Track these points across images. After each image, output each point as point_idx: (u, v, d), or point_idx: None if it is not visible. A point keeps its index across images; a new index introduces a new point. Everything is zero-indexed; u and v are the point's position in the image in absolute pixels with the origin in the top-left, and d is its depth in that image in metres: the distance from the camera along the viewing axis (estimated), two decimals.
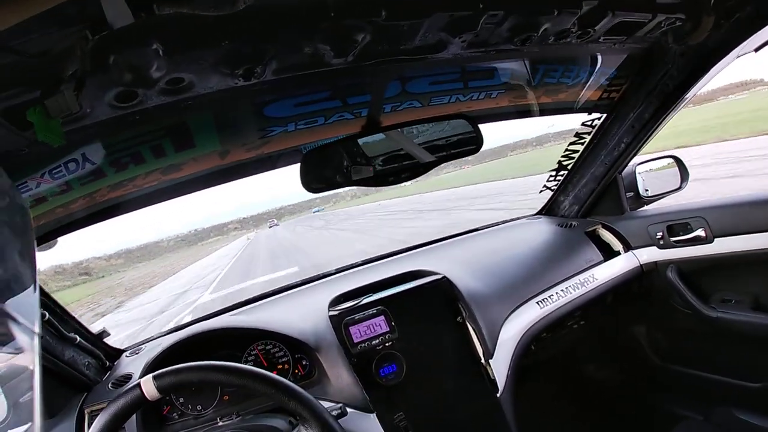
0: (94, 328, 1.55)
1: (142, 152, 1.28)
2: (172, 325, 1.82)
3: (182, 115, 1.19)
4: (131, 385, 0.95)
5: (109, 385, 1.39)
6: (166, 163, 1.36)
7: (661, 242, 1.93)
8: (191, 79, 0.96)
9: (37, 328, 0.46)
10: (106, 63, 0.81)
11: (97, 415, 1.08)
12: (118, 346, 1.62)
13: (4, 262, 0.45)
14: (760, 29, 1.36)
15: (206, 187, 1.51)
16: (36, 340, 0.46)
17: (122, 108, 0.96)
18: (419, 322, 1.53)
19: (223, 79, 1.01)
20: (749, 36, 1.38)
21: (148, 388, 0.94)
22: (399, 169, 1.38)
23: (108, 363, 1.52)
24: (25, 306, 0.46)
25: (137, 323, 12.87)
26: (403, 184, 1.49)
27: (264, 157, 1.51)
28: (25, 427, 1.20)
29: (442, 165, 1.46)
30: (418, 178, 1.41)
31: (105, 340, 1.56)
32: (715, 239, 1.77)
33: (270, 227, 71.26)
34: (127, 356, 1.56)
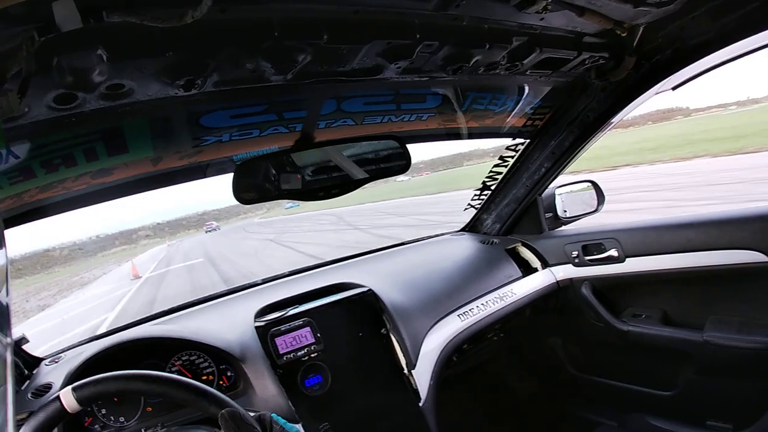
0: None
1: (75, 154, 1.24)
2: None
3: (118, 120, 1.17)
4: (50, 398, 0.93)
5: (29, 394, 1.31)
6: (97, 166, 1.33)
7: (577, 260, 2.06)
8: (132, 86, 0.96)
9: (8, 338, 0.44)
10: (49, 64, 0.80)
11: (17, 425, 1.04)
12: (37, 354, 1.54)
13: None
14: (678, 71, 1.48)
15: (135, 193, 1.46)
16: (9, 351, 0.44)
17: (60, 110, 0.95)
18: (344, 333, 1.55)
19: (164, 88, 1.01)
20: (668, 76, 1.51)
21: (68, 400, 0.91)
22: (329, 184, 1.41)
23: (26, 371, 1.43)
24: None
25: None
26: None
27: (196, 166, 1.50)
28: None
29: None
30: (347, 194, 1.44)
31: (24, 347, 1.48)
32: (627, 259, 1.90)
33: (207, 231, 63.93)
34: (46, 365, 1.47)
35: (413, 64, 1.22)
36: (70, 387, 0.92)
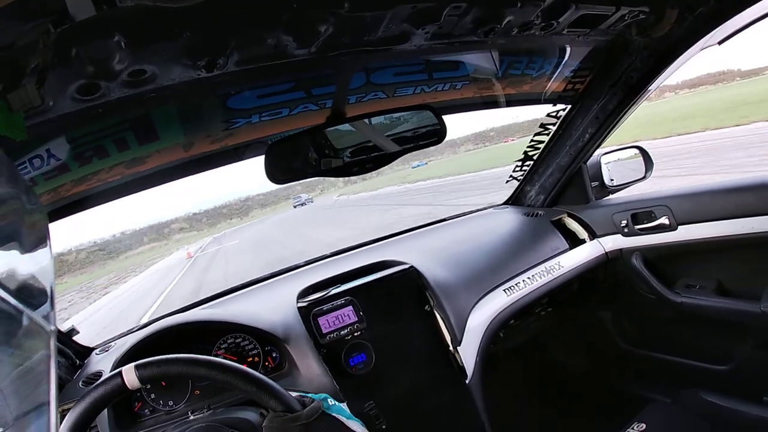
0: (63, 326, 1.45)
1: (106, 146, 1.27)
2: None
3: (145, 108, 1.18)
4: (112, 374, 0.94)
5: (80, 383, 1.37)
6: (129, 156, 1.35)
7: (626, 230, 1.98)
8: (153, 71, 0.95)
9: (52, 326, 0.44)
10: (68, 55, 0.80)
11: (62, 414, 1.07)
12: (87, 344, 1.60)
13: (21, 255, 0.44)
14: (723, 23, 1.38)
15: (171, 180, 1.49)
16: (53, 338, 0.44)
17: (85, 101, 0.95)
18: (387, 311, 1.54)
19: (186, 71, 1.00)
20: (712, 29, 1.41)
21: (130, 377, 0.92)
22: (363, 159, 1.39)
23: (78, 361, 1.49)
24: (40, 297, 0.44)
25: None
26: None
27: (229, 149, 1.51)
28: None
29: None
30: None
31: (74, 338, 1.54)
32: (679, 227, 1.81)
33: (296, 206, 55.75)
34: (97, 354, 1.54)
35: (442, 29, 1.17)
36: (133, 364, 0.93)
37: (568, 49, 1.65)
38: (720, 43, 1.54)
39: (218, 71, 1.04)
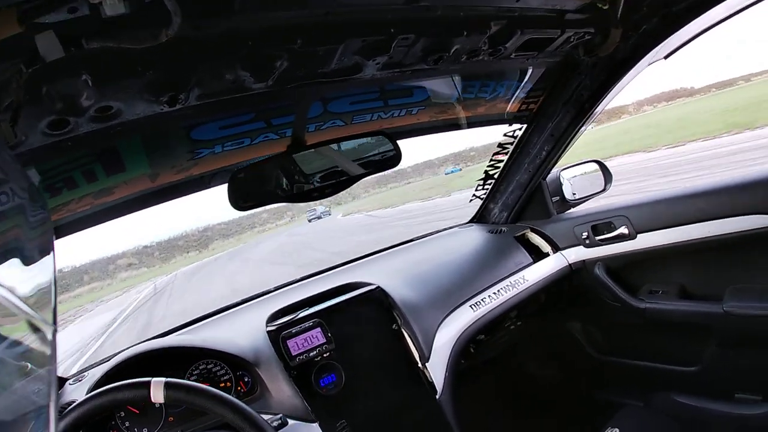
0: None
1: (75, 177, 1.29)
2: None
3: (112, 141, 1.22)
4: (139, 381, 0.97)
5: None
6: (98, 187, 1.37)
7: (587, 241, 2.04)
8: (119, 107, 1.00)
9: (54, 326, 0.45)
10: (39, 93, 0.85)
11: None
12: (61, 375, 1.59)
13: (24, 259, 0.45)
14: (667, 38, 1.46)
15: (138, 209, 1.51)
16: (54, 337, 0.45)
17: (54, 135, 0.99)
18: (355, 331, 1.56)
19: (149, 106, 1.05)
20: (657, 45, 1.49)
21: (156, 390, 0.95)
22: (322, 184, 1.43)
23: None
24: (42, 301, 0.45)
25: None
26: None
27: (194, 178, 1.54)
28: None
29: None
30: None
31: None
32: (638, 235, 1.88)
33: (311, 219, 50.03)
34: (70, 384, 1.51)
35: (392, 59, 1.23)
36: (164, 380, 0.97)
37: (519, 72, 1.72)
38: (666, 57, 1.63)
39: (180, 105, 1.08)
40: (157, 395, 0.95)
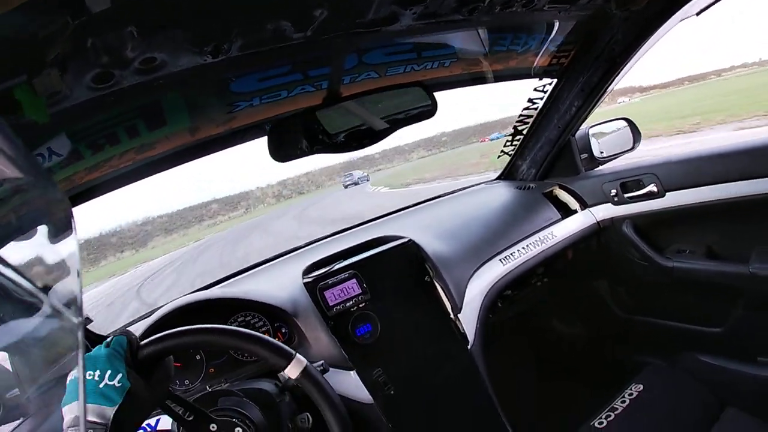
0: None
1: (117, 133, 1.32)
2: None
3: (154, 95, 1.23)
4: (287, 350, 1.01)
5: None
6: (139, 142, 1.40)
7: (616, 199, 2.03)
8: (163, 58, 1.01)
9: (81, 318, 0.45)
10: (84, 46, 0.86)
11: None
12: (102, 333, 1.62)
13: (46, 246, 0.45)
14: None
15: (179, 164, 1.55)
16: (80, 331, 0.44)
17: (99, 89, 1.01)
18: (390, 283, 1.59)
19: (193, 57, 1.07)
20: (689, 1, 1.46)
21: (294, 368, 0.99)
22: (360, 135, 1.45)
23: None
24: (68, 291, 0.45)
25: None
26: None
27: (231, 132, 1.56)
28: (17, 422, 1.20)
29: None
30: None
31: (88, 327, 1.58)
32: (667, 193, 1.86)
33: (347, 185, 43.65)
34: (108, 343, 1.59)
35: (428, 9, 1.23)
36: (305, 362, 1.01)
37: (552, 25, 1.70)
38: (698, 13, 1.60)
39: (223, 56, 1.10)
40: (293, 371, 0.99)
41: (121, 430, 0.83)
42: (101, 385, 0.83)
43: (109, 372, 0.84)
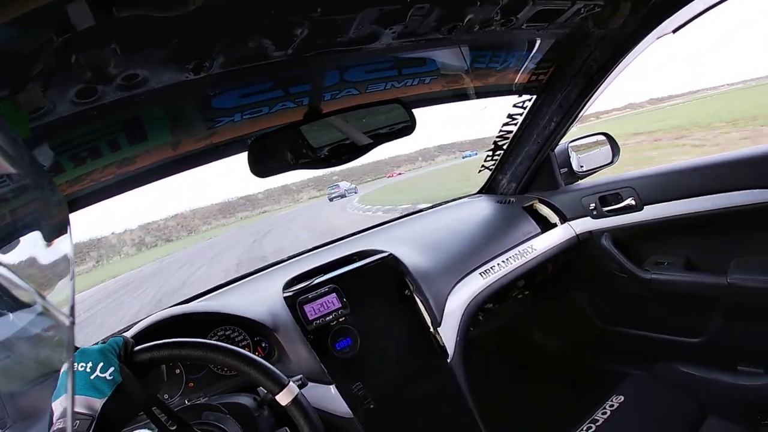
0: None
1: (99, 146, 1.32)
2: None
3: (136, 110, 1.24)
4: (280, 377, 1.00)
5: None
6: (121, 156, 1.41)
7: (595, 212, 2.06)
8: (146, 75, 1.03)
9: (71, 318, 0.44)
10: (68, 62, 0.87)
11: None
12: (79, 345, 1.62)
13: (40, 246, 0.45)
14: (675, 12, 1.46)
15: (159, 178, 1.55)
16: (70, 331, 0.44)
17: (82, 104, 1.02)
18: (369, 297, 1.60)
19: (175, 74, 1.08)
20: (666, 18, 1.49)
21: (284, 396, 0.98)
22: (340, 151, 1.46)
23: None
24: (60, 289, 0.44)
25: None
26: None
27: (213, 147, 1.57)
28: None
29: None
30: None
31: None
32: (645, 207, 1.89)
33: (332, 198, 42.26)
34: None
35: (407, 28, 1.26)
36: (297, 390, 1.01)
37: (531, 42, 1.73)
38: (674, 31, 1.63)
39: (204, 73, 1.11)
40: (283, 398, 0.99)
41: (107, 424, 0.83)
42: (92, 377, 0.83)
43: (101, 364, 0.85)
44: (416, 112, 1.53)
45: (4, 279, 0.38)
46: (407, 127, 1.52)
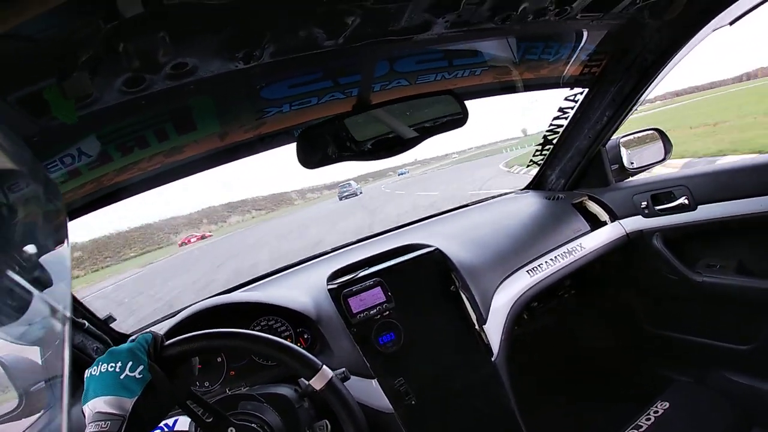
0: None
1: (147, 136, 1.33)
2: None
3: (185, 99, 1.24)
4: (312, 360, 1.01)
5: None
6: (168, 146, 1.42)
7: (646, 211, 1.99)
8: (195, 64, 1.02)
9: (68, 312, 0.46)
10: (116, 50, 0.86)
11: None
12: (125, 331, 1.66)
13: (38, 245, 0.46)
14: (732, 3, 1.40)
15: (206, 168, 1.57)
16: (68, 325, 0.46)
17: (130, 93, 1.02)
18: (415, 292, 1.58)
19: (225, 63, 1.07)
20: (722, 10, 1.43)
21: (319, 380, 0.99)
22: (389, 143, 1.45)
23: None
24: (58, 289, 0.46)
25: None
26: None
27: (260, 138, 1.57)
28: (38, 415, 1.22)
29: None
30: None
31: (111, 325, 1.60)
32: (698, 206, 1.81)
33: (342, 198, 42.44)
34: (132, 341, 1.60)
35: (461, 17, 1.22)
36: (331, 373, 1.01)
37: (584, 34, 1.67)
38: (731, 23, 1.56)
39: (254, 63, 1.10)
40: (317, 383, 0.98)
41: (139, 423, 0.84)
42: (122, 376, 0.84)
43: (130, 363, 0.86)
44: None
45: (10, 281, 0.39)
46: (459, 119, 1.49)
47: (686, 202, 1.85)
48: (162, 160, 1.48)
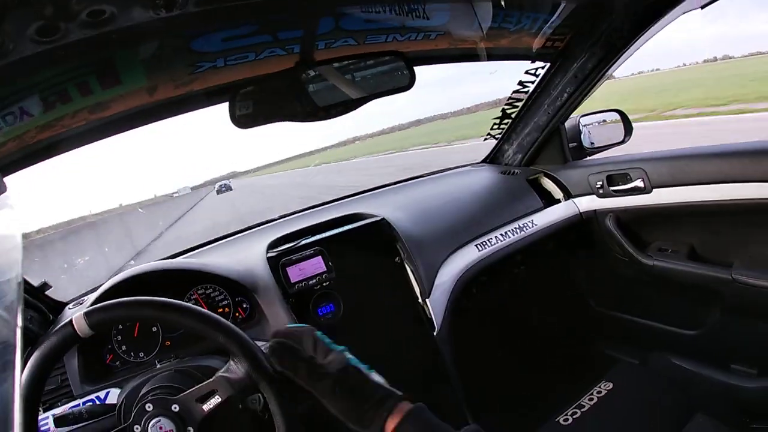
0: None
1: (69, 90, 1.24)
2: None
3: (107, 50, 1.15)
4: (62, 323, 0.93)
5: None
6: (93, 101, 1.32)
7: (601, 191, 1.98)
8: (112, 11, 0.92)
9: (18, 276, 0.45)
10: None
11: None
12: (61, 299, 1.58)
13: None
14: None
15: (136, 126, 1.47)
16: (20, 289, 0.44)
17: (45, 42, 0.93)
18: (358, 262, 1.55)
19: (145, 11, 0.97)
20: None
21: (80, 324, 0.91)
22: (330, 103, 1.37)
23: (51, 316, 1.48)
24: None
25: None
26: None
27: (194, 94, 1.48)
28: None
29: None
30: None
31: (47, 293, 1.52)
32: (654, 190, 1.81)
33: (220, 193, 45.39)
34: (70, 308, 1.52)
35: None
36: (82, 312, 0.93)
37: (547, 5, 1.62)
38: (702, 7, 1.51)
39: (178, 10, 1.00)
40: (82, 328, 0.91)
41: None
42: None
43: None
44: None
45: None
46: (406, 84, 1.42)
47: (642, 184, 1.84)
48: (87, 116, 1.38)
